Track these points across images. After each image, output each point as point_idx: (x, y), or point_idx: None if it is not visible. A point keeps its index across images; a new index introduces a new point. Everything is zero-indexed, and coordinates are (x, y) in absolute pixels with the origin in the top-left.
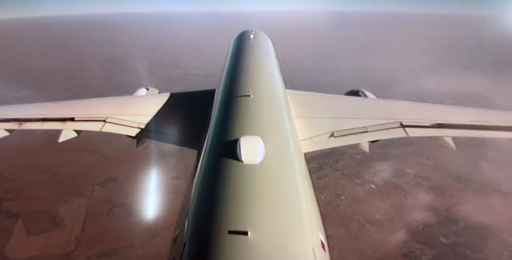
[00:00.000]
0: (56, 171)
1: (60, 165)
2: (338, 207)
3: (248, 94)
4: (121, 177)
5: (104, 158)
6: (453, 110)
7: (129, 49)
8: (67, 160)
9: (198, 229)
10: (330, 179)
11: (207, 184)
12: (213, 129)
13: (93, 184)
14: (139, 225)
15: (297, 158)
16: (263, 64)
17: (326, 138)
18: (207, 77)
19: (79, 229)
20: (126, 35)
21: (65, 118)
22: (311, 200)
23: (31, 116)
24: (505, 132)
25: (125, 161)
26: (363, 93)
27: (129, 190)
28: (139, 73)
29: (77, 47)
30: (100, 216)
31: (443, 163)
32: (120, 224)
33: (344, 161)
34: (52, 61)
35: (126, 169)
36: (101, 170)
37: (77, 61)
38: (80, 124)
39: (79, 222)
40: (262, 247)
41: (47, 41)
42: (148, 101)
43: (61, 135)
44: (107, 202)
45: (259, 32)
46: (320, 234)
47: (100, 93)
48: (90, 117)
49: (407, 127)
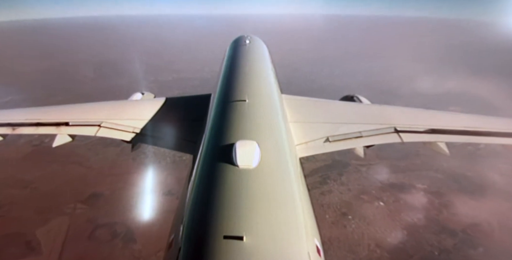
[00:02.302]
0: (36, 186)
1: (41, 179)
2: (345, 229)
3: (243, 99)
4: (106, 192)
5: (90, 171)
6: (447, 116)
7: (124, 52)
8: (50, 173)
9: (193, 233)
10: (335, 195)
11: (202, 188)
12: (208, 134)
13: (75, 201)
14: (123, 250)
15: (292, 163)
16: (259, 69)
17: (321, 143)
18: (202, 81)
19: (56, 255)
20: (122, 38)
21: (60, 123)
22: (306, 205)
23: (25, 121)
24: (498, 137)
25: (112, 174)
26: (358, 98)
27: (115, 208)
28: (132, 77)
29: (70, 49)
30: (81, 239)
31: (454, 176)
32: (103, 248)
33: (349, 173)
34: (43, 64)
35: (113, 183)
36: (86, 184)
37: (69, 64)
38: (74, 129)
39: (57, 246)
40: (258, 252)
41: (39, 44)
42: (143, 105)
43: (55, 139)
44: (90, 222)
45: (254, 38)
46: (316, 239)
47: (89, 98)
48: (84, 122)
49: (401, 133)
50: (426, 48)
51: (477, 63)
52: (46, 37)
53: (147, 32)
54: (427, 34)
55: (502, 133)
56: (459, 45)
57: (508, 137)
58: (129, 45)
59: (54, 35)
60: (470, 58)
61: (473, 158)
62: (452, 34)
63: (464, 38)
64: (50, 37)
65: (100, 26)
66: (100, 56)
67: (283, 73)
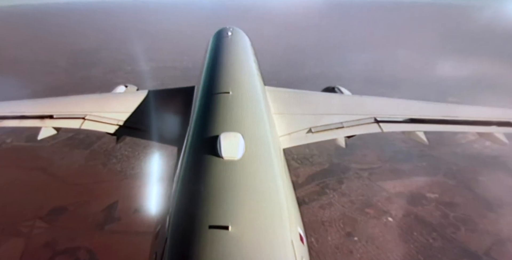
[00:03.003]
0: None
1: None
2: (351, 255)
3: (227, 91)
4: (70, 207)
5: (53, 179)
6: (426, 105)
7: (100, 40)
8: (9, 181)
9: (179, 224)
10: (336, 209)
11: (187, 180)
12: (193, 126)
13: (34, 218)
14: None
15: (276, 154)
16: (242, 62)
17: (304, 134)
18: (182, 71)
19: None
20: (99, 25)
21: (44, 116)
22: (290, 195)
23: (9, 114)
24: (475, 126)
25: (77, 183)
26: (339, 89)
27: (79, 227)
28: (108, 67)
29: (41, 38)
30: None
31: (465, 182)
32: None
33: (349, 181)
34: (12, 54)
35: (78, 194)
36: (47, 196)
37: (40, 52)
38: (59, 121)
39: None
40: (243, 241)
41: (9, 31)
42: (127, 98)
43: (40, 132)
44: (48, 246)
45: (236, 30)
46: (299, 227)
47: (60, 91)
48: (69, 115)
49: (381, 123)
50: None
51: None
52: (17, 23)
53: (127, 18)
54: (431, 20)
55: (479, 121)
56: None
57: (484, 125)
58: (106, 32)
59: (25, 22)
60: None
61: (482, 158)
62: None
63: None
64: (21, 24)
65: (77, 11)
66: (74, 44)
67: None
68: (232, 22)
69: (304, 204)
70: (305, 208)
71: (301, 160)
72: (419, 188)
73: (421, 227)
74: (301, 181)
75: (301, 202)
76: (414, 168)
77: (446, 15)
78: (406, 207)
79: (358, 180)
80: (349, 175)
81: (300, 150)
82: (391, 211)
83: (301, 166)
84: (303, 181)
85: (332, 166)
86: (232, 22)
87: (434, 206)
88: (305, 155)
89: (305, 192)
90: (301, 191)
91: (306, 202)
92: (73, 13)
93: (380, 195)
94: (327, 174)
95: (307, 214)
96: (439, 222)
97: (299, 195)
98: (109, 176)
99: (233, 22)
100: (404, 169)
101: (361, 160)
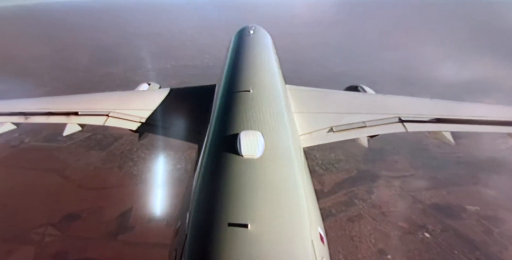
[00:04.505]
0: (5, 201)
1: (12, 191)
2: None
3: (248, 90)
4: (83, 213)
5: (68, 182)
6: (452, 105)
7: (122, 37)
8: (23, 183)
9: (199, 221)
10: (366, 221)
11: (207, 178)
12: (213, 124)
13: (46, 224)
14: None
15: (296, 153)
16: (263, 60)
17: (325, 133)
18: (203, 69)
19: None
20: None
21: (69, 113)
22: (310, 194)
23: (36, 110)
24: (505, 126)
25: (92, 187)
26: (362, 88)
27: (91, 236)
28: (127, 64)
29: (65, 35)
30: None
31: (507, 193)
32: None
33: (380, 190)
34: (35, 51)
35: (92, 199)
36: (61, 201)
37: (62, 50)
38: (84, 118)
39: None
40: (262, 240)
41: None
42: (150, 96)
43: (65, 128)
44: (60, 256)
45: (258, 28)
46: (319, 227)
47: (78, 89)
48: (93, 112)
49: (406, 122)
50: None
51: None
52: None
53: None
54: (460, 17)
55: (508, 121)
56: None
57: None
58: (128, 30)
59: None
60: None
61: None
62: None
63: None
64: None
65: (99, 9)
66: (96, 41)
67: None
68: (253, 19)
69: (331, 215)
70: (332, 220)
71: (326, 166)
72: (458, 199)
73: (462, 244)
74: (327, 189)
75: (328, 213)
76: (450, 176)
77: (476, 12)
78: (444, 220)
79: (390, 189)
80: (379, 183)
81: (325, 155)
82: (428, 225)
83: (326, 172)
84: (329, 189)
85: (360, 173)
86: (253, 19)
87: (475, 220)
88: (331, 161)
89: (332, 202)
90: (327, 200)
91: (333, 214)
92: (94, 11)
93: (415, 207)
94: (355, 182)
95: (334, 227)
96: (482, 239)
97: (325, 205)
98: (124, 180)
99: (254, 19)
100: (439, 177)
101: (391, 166)
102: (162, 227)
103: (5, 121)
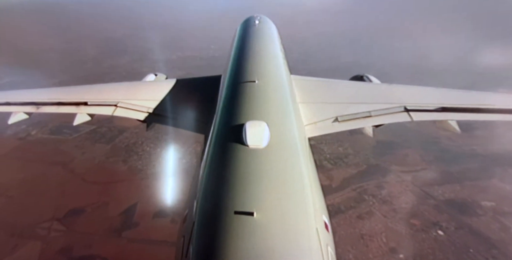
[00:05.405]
0: (13, 194)
1: (19, 184)
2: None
3: (253, 80)
4: (88, 208)
5: (73, 176)
6: (458, 93)
7: (128, 28)
8: (30, 176)
9: (206, 209)
10: (377, 219)
11: (214, 167)
12: (219, 114)
13: (52, 219)
14: None
15: (301, 142)
16: (268, 50)
17: (330, 123)
18: (209, 61)
19: None
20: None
21: (79, 103)
22: (314, 183)
23: (47, 100)
24: (510, 114)
25: (96, 182)
26: (368, 78)
27: (96, 232)
28: (134, 55)
29: (74, 26)
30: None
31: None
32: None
33: (390, 185)
34: (45, 43)
35: (97, 194)
36: (66, 195)
37: (72, 41)
38: (93, 108)
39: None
40: (267, 227)
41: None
42: (157, 86)
43: (75, 118)
44: (65, 251)
45: (264, 18)
46: (324, 215)
47: (86, 81)
48: (102, 102)
49: (411, 112)
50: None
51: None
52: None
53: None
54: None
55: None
56: None
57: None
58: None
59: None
60: None
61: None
62: None
63: None
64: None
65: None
66: (104, 32)
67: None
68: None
69: (340, 212)
70: (341, 217)
71: (335, 160)
72: (472, 195)
73: (478, 242)
74: (336, 185)
75: (337, 210)
76: (464, 170)
77: None
78: (459, 217)
79: (401, 184)
80: (389, 178)
81: (333, 148)
82: (441, 222)
83: (334, 167)
84: (337, 185)
85: (370, 168)
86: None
87: (491, 217)
88: (339, 155)
89: (341, 198)
90: (336, 196)
91: (342, 211)
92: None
93: (427, 203)
94: (365, 177)
95: (343, 225)
96: (500, 237)
97: (333, 201)
98: (129, 175)
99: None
100: (452, 171)
101: (402, 160)
102: (167, 224)
103: (18, 111)
